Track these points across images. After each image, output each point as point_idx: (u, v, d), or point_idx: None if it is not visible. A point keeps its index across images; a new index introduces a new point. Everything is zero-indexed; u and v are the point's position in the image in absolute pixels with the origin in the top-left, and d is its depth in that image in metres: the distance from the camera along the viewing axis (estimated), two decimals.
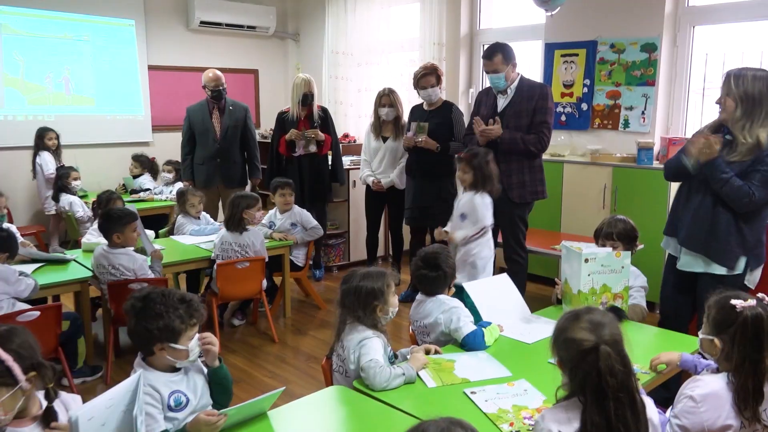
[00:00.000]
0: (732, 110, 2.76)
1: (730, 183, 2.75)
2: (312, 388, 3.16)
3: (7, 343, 1.65)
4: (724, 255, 2.87)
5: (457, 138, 4.80)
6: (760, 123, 2.73)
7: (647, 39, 4.82)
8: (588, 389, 1.53)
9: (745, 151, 2.76)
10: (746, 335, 1.82)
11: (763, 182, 2.73)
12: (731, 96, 2.76)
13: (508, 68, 4.04)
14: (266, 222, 4.78)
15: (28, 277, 3.31)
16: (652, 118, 4.87)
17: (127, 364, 3.76)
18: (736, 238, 2.84)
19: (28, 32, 6.17)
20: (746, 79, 2.73)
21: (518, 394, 2.09)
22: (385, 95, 5.11)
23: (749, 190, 2.73)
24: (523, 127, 4.04)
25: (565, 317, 1.67)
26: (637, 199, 4.58)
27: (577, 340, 1.57)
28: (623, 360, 1.56)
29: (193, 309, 1.98)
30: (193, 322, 1.97)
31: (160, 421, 1.90)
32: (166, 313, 1.93)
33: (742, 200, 2.75)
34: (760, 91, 2.71)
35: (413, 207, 4.93)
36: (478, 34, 6.17)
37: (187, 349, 1.96)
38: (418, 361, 2.27)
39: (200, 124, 5.36)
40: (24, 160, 6.08)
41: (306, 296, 5.23)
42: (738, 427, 1.82)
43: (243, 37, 7.51)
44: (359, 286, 2.30)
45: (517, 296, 2.98)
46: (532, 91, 4.07)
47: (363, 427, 1.96)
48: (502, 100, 4.14)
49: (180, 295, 2.01)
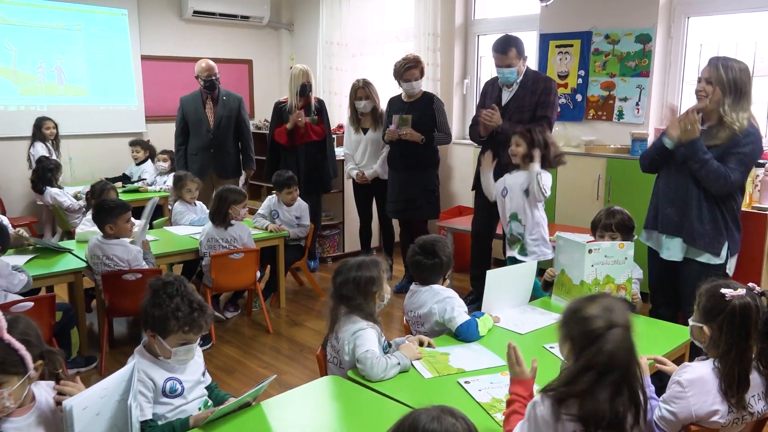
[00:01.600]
0: (719, 98, 2.86)
1: (710, 164, 2.85)
2: (306, 378, 3.18)
3: (15, 332, 1.64)
4: (710, 242, 2.93)
5: (440, 129, 4.79)
6: (742, 108, 2.85)
7: (642, 30, 4.82)
8: (593, 370, 1.55)
9: (725, 137, 2.86)
10: (734, 323, 1.84)
11: (738, 164, 2.84)
12: (719, 84, 2.85)
13: (520, 62, 4.01)
14: (265, 211, 4.74)
15: (21, 272, 3.30)
16: (647, 109, 4.88)
17: (122, 355, 3.78)
18: (720, 224, 2.92)
19: (20, 21, 6.11)
20: (733, 68, 2.84)
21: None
22: (360, 88, 5.07)
23: (726, 172, 2.83)
24: (525, 121, 4.01)
25: (578, 299, 1.70)
26: (630, 190, 4.59)
27: (591, 317, 1.60)
28: (631, 347, 1.59)
29: (193, 319, 1.96)
30: (186, 329, 1.96)
31: (147, 410, 1.92)
32: (168, 307, 1.94)
33: (719, 182, 2.84)
34: (742, 79, 2.84)
35: (398, 200, 4.92)
36: (472, 25, 6.15)
37: (170, 349, 1.96)
38: (410, 349, 2.28)
39: (193, 115, 5.34)
40: (16, 150, 6.04)
41: (300, 285, 5.24)
42: (725, 412, 1.84)
43: (237, 27, 7.47)
44: (358, 275, 2.30)
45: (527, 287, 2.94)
46: (536, 85, 4.04)
47: (358, 417, 1.97)
48: (507, 93, 4.12)
49: (198, 301, 2.00)
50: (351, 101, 5.18)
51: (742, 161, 2.85)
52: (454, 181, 6.22)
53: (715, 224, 2.93)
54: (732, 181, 2.85)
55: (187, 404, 2.01)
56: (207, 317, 2.01)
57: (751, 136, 2.86)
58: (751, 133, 2.86)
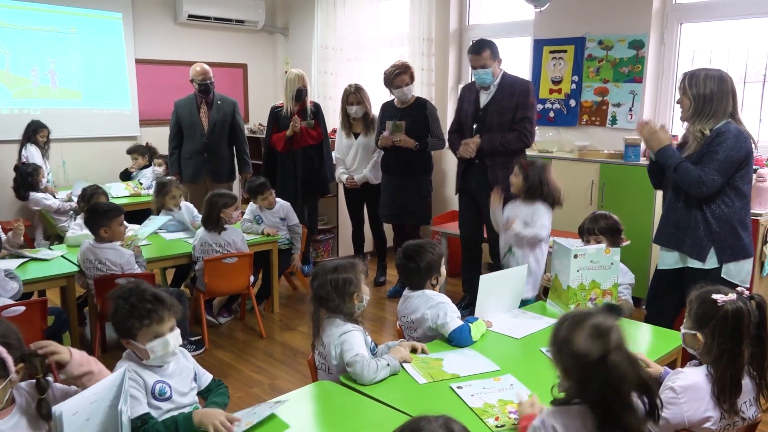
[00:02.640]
0: (687, 108, 2.90)
1: (681, 166, 2.86)
2: (299, 383, 3.17)
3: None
4: (693, 246, 2.91)
5: (434, 134, 4.81)
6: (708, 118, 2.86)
7: (635, 36, 4.84)
8: (598, 399, 1.50)
9: (695, 145, 2.88)
10: (726, 329, 1.84)
11: (710, 162, 2.81)
12: (686, 95, 2.89)
13: (495, 64, 4.05)
14: (250, 217, 4.72)
15: (14, 280, 3.27)
16: (640, 114, 4.90)
17: (113, 360, 3.73)
18: (703, 229, 2.88)
19: (14, 24, 6.10)
20: (698, 78, 2.86)
21: (504, 389, 2.09)
22: (352, 93, 5.08)
23: (699, 173, 2.81)
24: (506, 124, 4.06)
25: (566, 325, 1.60)
26: (624, 195, 4.61)
27: (583, 352, 1.52)
28: (631, 360, 1.53)
29: (149, 310, 1.94)
30: (146, 322, 1.94)
31: (144, 403, 1.91)
32: (124, 309, 1.95)
33: (693, 184, 2.83)
34: (711, 89, 2.84)
35: (391, 205, 4.93)
36: (467, 30, 6.17)
37: (145, 348, 1.95)
38: (399, 351, 2.29)
39: (188, 118, 5.33)
40: (9, 154, 6.02)
41: (293, 290, 5.23)
42: (718, 418, 1.84)
43: (232, 31, 7.47)
44: (335, 277, 2.30)
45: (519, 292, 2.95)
46: (514, 87, 4.09)
47: (351, 422, 1.96)
48: (485, 96, 4.16)
49: (154, 293, 1.99)
50: (343, 106, 5.19)
51: (715, 158, 2.79)
52: (448, 186, 6.22)
53: (697, 229, 2.89)
54: (705, 180, 2.79)
55: (176, 409, 1.99)
56: (167, 307, 1.98)
57: (724, 135, 2.80)
58: (724, 132, 2.81)
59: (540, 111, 5.44)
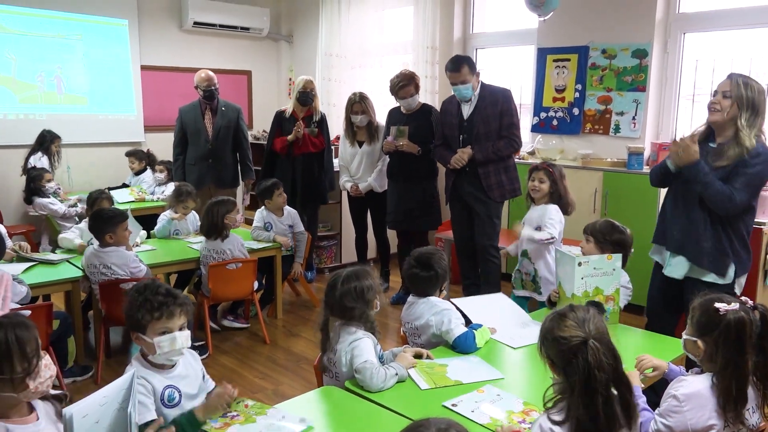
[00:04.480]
0: (735, 114, 2.81)
1: (712, 186, 2.80)
2: (303, 389, 3.18)
3: None
4: (716, 263, 2.89)
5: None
6: (756, 129, 2.82)
7: (638, 45, 4.86)
8: (578, 385, 1.56)
9: (734, 155, 2.80)
10: (729, 338, 1.84)
11: (744, 185, 2.78)
12: (738, 100, 2.80)
13: (473, 78, 4.15)
14: (260, 224, 4.73)
15: (22, 284, 3.29)
16: (643, 123, 4.92)
17: (118, 364, 3.77)
18: (725, 244, 2.87)
19: (21, 30, 6.14)
20: (753, 87, 2.80)
21: (494, 400, 2.08)
22: (356, 102, 5.09)
23: (731, 192, 2.78)
24: (493, 132, 4.16)
25: (550, 318, 1.71)
26: (627, 204, 4.62)
27: (565, 337, 1.61)
28: (612, 352, 1.60)
29: (161, 302, 1.96)
30: (157, 315, 1.95)
31: (152, 409, 1.91)
32: (137, 302, 1.97)
33: (724, 203, 2.80)
34: (760, 99, 2.81)
35: (397, 210, 4.95)
36: (471, 38, 6.20)
37: (152, 342, 1.95)
38: (405, 359, 2.30)
39: (192, 125, 5.35)
40: (14, 159, 6.05)
41: (297, 296, 5.24)
42: (722, 427, 1.84)
43: (236, 38, 7.51)
44: (357, 285, 2.31)
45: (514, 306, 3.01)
46: (495, 96, 4.20)
47: (355, 427, 1.97)
48: (467, 108, 4.24)
49: (168, 289, 2.01)
50: (347, 115, 5.20)
51: (750, 182, 2.78)
52: None
53: (721, 244, 2.87)
54: (737, 203, 2.78)
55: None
56: (179, 304, 1.99)
57: (760, 156, 2.78)
58: (761, 153, 2.79)
59: (543, 119, 5.47)
